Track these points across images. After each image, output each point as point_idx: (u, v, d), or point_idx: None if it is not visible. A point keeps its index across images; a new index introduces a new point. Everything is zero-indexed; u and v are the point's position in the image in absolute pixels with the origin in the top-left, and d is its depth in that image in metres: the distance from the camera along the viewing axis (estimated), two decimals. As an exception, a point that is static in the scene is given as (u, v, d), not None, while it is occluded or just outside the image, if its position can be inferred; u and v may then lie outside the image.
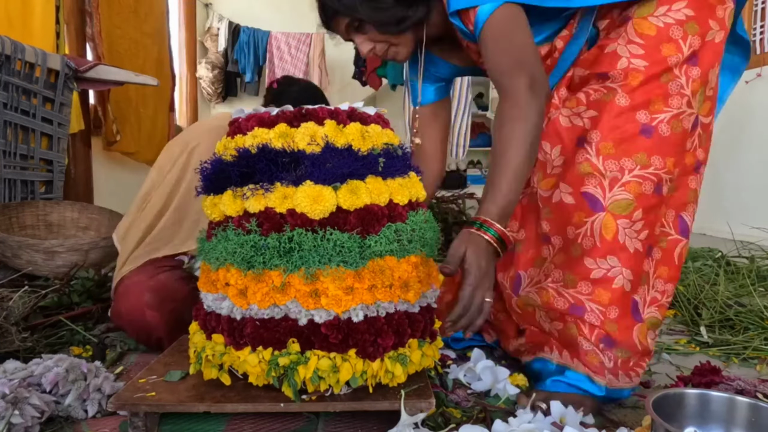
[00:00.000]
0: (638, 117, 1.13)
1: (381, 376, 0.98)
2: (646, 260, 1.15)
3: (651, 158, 1.12)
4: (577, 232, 1.15)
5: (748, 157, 3.63)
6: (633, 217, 1.12)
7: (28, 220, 2.26)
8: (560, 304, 1.16)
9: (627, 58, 1.14)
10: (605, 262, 1.12)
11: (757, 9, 3.61)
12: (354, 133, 1.00)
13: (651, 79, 1.13)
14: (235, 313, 0.99)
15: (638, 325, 1.14)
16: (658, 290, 1.16)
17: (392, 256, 0.99)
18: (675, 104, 1.13)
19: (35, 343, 1.42)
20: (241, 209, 1.00)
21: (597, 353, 1.12)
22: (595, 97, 1.17)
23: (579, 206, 1.15)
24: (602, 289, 1.12)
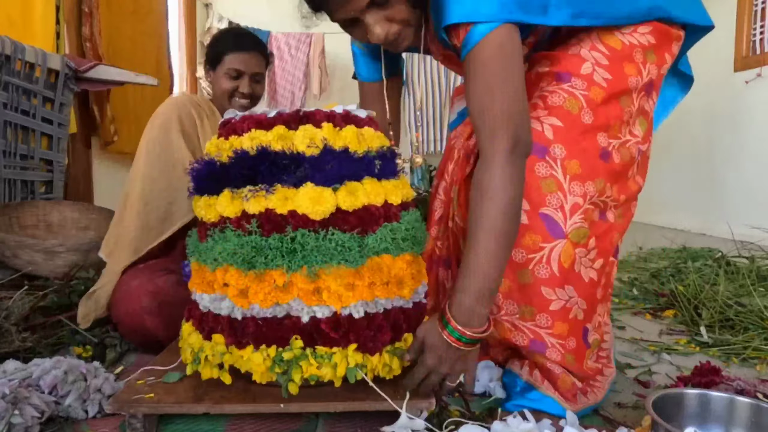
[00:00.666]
0: (599, 139, 1.08)
1: (379, 369, 1.00)
2: (598, 289, 1.12)
3: (606, 185, 1.08)
4: (529, 257, 1.05)
5: (747, 157, 3.63)
6: (588, 246, 1.07)
7: (28, 220, 2.26)
8: (519, 340, 1.10)
9: (592, 64, 1.09)
10: (564, 293, 1.07)
11: (757, 9, 3.61)
12: (350, 136, 1.02)
13: (611, 98, 1.09)
14: (235, 313, 1.00)
15: (587, 351, 1.12)
16: (600, 314, 1.14)
17: (388, 255, 1.02)
18: (624, 132, 1.11)
19: (35, 343, 1.41)
20: (239, 210, 1.00)
21: (567, 375, 1.11)
22: (555, 102, 1.08)
23: (534, 228, 1.05)
24: (561, 321, 1.08)
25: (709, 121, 3.95)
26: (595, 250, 1.09)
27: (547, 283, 1.06)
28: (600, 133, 1.08)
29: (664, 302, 2.04)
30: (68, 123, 2.53)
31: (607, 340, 1.19)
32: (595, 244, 1.09)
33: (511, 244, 0.99)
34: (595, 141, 1.08)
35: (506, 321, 1.11)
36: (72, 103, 2.56)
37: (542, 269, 1.06)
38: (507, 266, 1.04)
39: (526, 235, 1.05)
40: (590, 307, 1.11)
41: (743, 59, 3.68)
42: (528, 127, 1.01)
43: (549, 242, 1.05)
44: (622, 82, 1.09)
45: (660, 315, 1.95)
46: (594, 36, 1.12)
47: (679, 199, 4.21)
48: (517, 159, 0.97)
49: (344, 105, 1.09)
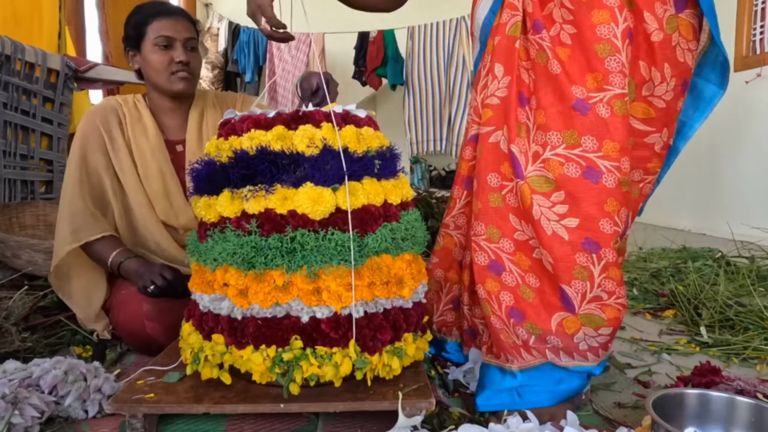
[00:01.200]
0: (573, 91, 1.04)
1: (379, 369, 1.00)
2: (581, 254, 1.04)
3: (581, 138, 1.02)
4: (503, 183, 1.12)
5: (748, 157, 3.63)
6: (551, 198, 1.04)
7: (28, 220, 2.26)
8: (481, 260, 1.13)
9: (559, 24, 1.07)
10: (528, 228, 1.09)
11: (757, 9, 3.60)
12: (350, 136, 1.02)
13: (582, 50, 1.04)
14: (235, 313, 1.00)
15: (566, 315, 1.06)
16: (605, 290, 1.05)
17: (388, 254, 1.03)
18: (617, 83, 1.02)
19: (35, 343, 1.42)
20: (239, 210, 1.00)
21: (508, 331, 1.10)
22: (532, 54, 1.11)
23: (509, 159, 1.11)
24: (523, 254, 1.10)
25: (709, 120, 3.93)
26: (563, 206, 1.04)
27: (515, 213, 1.11)
28: (576, 85, 1.04)
29: (664, 302, 2.04)
30: (68, 123, 2.53)
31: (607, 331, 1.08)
32: (564, 199, 1.04)
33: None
34: (566, 91, 1.05)
35: (473, 241, 1.14)
36: (72, 103, 2.56)
37: (512, 198, 1.11)
38: (480, 189, 1.13)
39: (504, 163, 1.11)
40: (563, 266, 1.05)
41: (743, 59, 3.68)
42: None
43: (515, 179, 1.10)
44: (589, 32, 1.03)
45: (660, 315, 1.95)
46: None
47: (679, 199, 4.21)
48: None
49: (344, 105, 1.09)
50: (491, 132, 1.14)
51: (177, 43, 1.53)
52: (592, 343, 1.08)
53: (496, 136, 1.13)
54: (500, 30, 1.16)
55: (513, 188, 1.11)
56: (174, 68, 1.53)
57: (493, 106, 1.14)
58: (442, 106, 4.83)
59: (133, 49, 1.58)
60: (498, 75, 1.15)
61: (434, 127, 4.91)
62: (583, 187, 1.03)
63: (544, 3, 1.11)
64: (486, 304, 1.12)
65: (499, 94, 1.14)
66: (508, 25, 1.14)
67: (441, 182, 6.94)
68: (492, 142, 1.14)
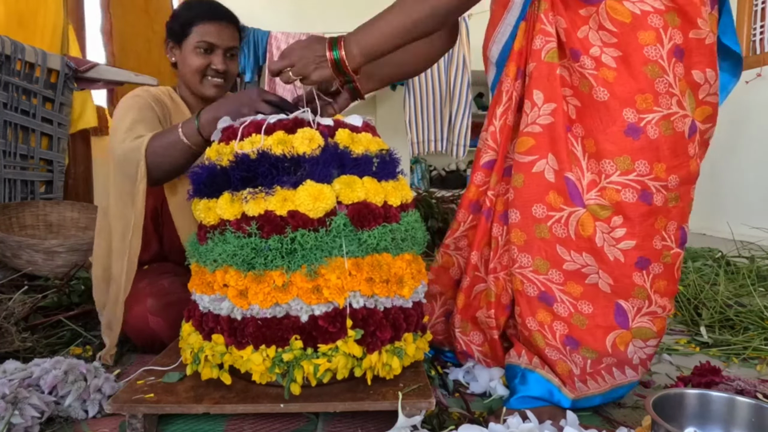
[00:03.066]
0: (625, 115, 1.04)
1: (379, 368, 1.00)
2: (636, 273, 1.08)
3: (635, 163, 1.04)
4: (549, 214, 1.09)
5: (747, 157, 3.63)
6: (611, 224, 1.06)
7: (28, 220, 2.26)
8: (530, 291, 1.12)
9: (599, 48, 1.06)
10: (580, 258, 1.08)
11: (757, 9, 3.60)
12: (345, 138, 1.05)
13: (629, 72, 1.04)
14: (235, 314, 1.00)
15: (620, 332, 1.10)
16: (658, 305, 1.10)
17: (388, 253, 1.03)
18: (664, 104, 1.04)
19: (35, 343, 1.42)
20: (239, 212, 1.01)
21: (565, 360, 1.10)
22: (575, 82, 1.10)
23: (558, 188, 1.08)
24: (575, 282, 1.09)
25: (709, 121, 3.94)
26: (622, 230, 1.06)
27: (563, 243, 1.09)
28: (626, 109, 1.04)
29: (664, 302, 2.03)
30: (68, 123, 2.54)
31: (654, 342, 1.14)
32: (622, 223, 1.06)
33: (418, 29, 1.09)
34: (618, 116, 1.04)
35: (519, 274, 1.13)
36: (72, 103, 2.57)
37: (560, 229, 1.09)
38: (524, 220, 1.11)
39: (550, 193, 1.09)
40: (623, 288, 1.08)
41: (743, 59, 3.68)
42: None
43: (569, 206, 1.08)
44: (636, 54, 1.04)
45: (660, 315, 1.95)
46: (602, 9, 1.06)
47: (679, 199, 4.21)
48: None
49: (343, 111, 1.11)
50: (534, 161, 1.11)
51: (218, 50, 1.52)
52: (641, 354, 1.13)
53: (540, 165, 1.11)
54: (534, 56, 1.14)
55: (561, 218, 1.09)
56: (210, 73, 1.54)
57: (536, 134, 1.12)
58: (443, 107, 4.83)
59: (173, 42, 1.56)
60: (538, 102, 1.12)
61: (434, 127, 4.90)
62: (638, 210, 1.06)
63: (576, 26, 1.09)
64: (538, 335, 1.12)
65: (541, 121, 1.11)
66: (543, 51, 1.12)
67: (441, 182, 6.93)
68: (536, 172, 1.11)
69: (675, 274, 1.12)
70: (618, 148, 1.05)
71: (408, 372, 1.07)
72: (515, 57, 1.19)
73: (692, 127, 1.07)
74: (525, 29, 1.18)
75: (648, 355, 1.14)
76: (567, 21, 1.10)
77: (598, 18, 1.07)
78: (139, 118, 1.41)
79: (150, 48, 3.45)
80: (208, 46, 1.51)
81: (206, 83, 1.54)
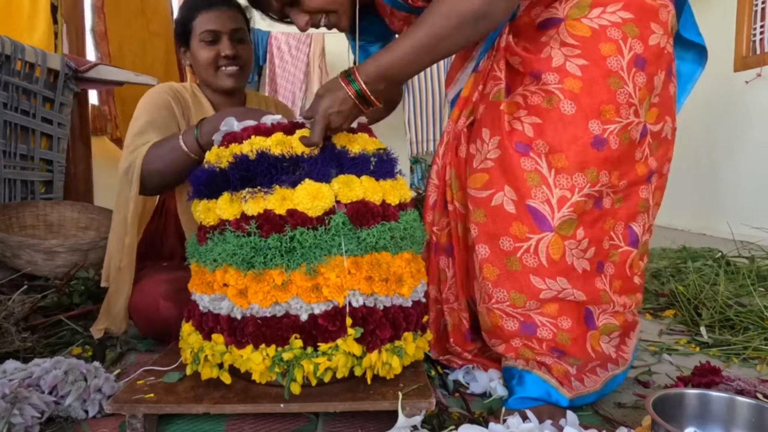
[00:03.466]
0: (591, 127, 1.05)
1: (379, 367, 1.00)
2: (597, 278, 1.11)
3: (600, 174, 1.05)
4: (516, 245, 1.07)
5: (747, 157, 3.64)
6: (577, 236, 1.06)
7: (28, 220, 2.26)
8: (510, 326, 1.12)
9: (563, 58, 1.07)
10: (555, 284, 1.07)
11: (757, 9, 3.61)
12: (343, 139, 1.06)
13: (594, 83, 1.05)
14: (235, 313, 1.00)
15: (591, 333, 1.13)
16: (619, 304, 1.14)
17: (387, 252, 1.04)
18: (624, 114, 1.05)
19: (35, 343, 1.42)
20: (238, 212, 1.01)
21: (559, 363, 1.12)
22: (534, 102, 1.09)
23: (521, 218, 1.07)
24: (551, 303, 1.10)
25: (709, 121, 3.95)
26: (585, 240, 1.08)
27: (536, 273, 1.07)
28: (591, 121, 1.05)
29: (664, 302, 2.04)
30: (68, 123, 2.54)
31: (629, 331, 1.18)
32: (585, 234, 1.07)
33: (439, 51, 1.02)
34: (585, 129, 1.05)
35: (497, 309, 1.12)
36: (72, 104, 2.56)
37: (530, 258, 1.07)
38: (494, 255, 1.10)
39: (513, 225, 1.07)
40: (592, 297, 1.11)
41: (743, 59, 3.68)
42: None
43: (536, 234, 1.06)
44: (599, 64, 1.05)
45: (660, 315, 1.95)
46: (562, 29, 1.09)
47: (679, 199, 4.21)
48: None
49: None
50: (491, 195, 1.10)
51: (223, 37, 1.49)
52: (612, 345, 1.16)
53: (498, 198, 1.09)
54: (483, 100, 1.18)
55: (529, 248, 1.07)
56: (221, 62, 1.50)
57: (489, 169, 1.12)
58: (442, 106, 4.84)
59: (183, 46, 1.55)
60: (486, 138, 1.13)
61: (434, 127, 4.91)
62: (593, 216, 1.08)
63: (538, 51, 1.11)
64: (525, 349, 1.13)
65: (491, 156, 1.11)
66: (491, 94, 1.16)
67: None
68: (495, 206, 1.10)
69: (626, 272, 1.15)
70: (586, 160, 1.05)
71: (408, 372, 1.08)
72: (461, 103, 1.23)
73: (643, 132, 1.10)
74: (474, 80, 1.21)
75: (615, 347, 1.17)
76: (525, 52, 1.13)
77: (558, 37, 1.09)
78: (151, 120, 1.43)
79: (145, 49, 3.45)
80: (212, 34, 1.49)
81: (221, 74, 1.51)
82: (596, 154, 1.05)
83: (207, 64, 1.51)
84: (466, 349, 1.28)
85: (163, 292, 1.39)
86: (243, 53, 1.53)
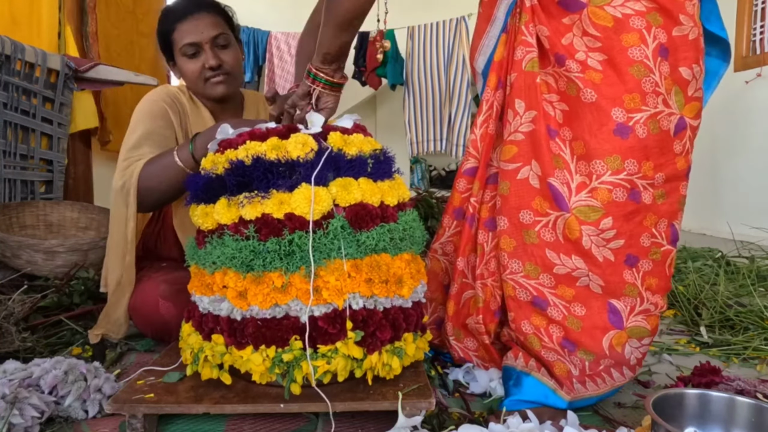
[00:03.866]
0: (614, 114, 1.06)
1: (379, 368, 1.00)
2: (626, 270, 1.10)
3: (625, 162, 1.05)
4: (536, 219, 1.10)
5: (748, 157, 3.63)
6: (601, 225, 1.07)
7: (28, 220, 2.26)
8: (523, 296, 1.13)
9: (584, 52, 1.08)
10: (570, 262, 1.09)
11: (757, 9, 3.60)
12: (337, 141, 1.05)
13: (616, 73, 1.05)
14: (235, 314, 1.00)
15: (615, 332, 1.11)
16: (650, 302, 1.12)
17: (386, 254, 1.03)
18: (651, 103, 1.05)
19: (35, 343, 1.42)
20: (236, 216, 1.01)
21: (563, 361, 1.10)
22: (562, 87, 1.11)
23: (543, 193, 1.10)
24: (566, 285, 1.11)
25: (709, 121, 3.94)
26: (612, 231, 1.07)
27: (552, 247, 1.10)
28: (613, 109, 1.05)
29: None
30: (68, 123, 2.53)
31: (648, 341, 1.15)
32: (613, 225, 1.07)
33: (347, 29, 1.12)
34: (607, 116, 1.05)
35: (510, 279, 1.14)
36: (72, 103, 2.56)
37: (547, 233, 1.10)
38: (513, 227, 1.13)
39: (535, 199, 1.11)
40: (614, 287, 1.10)
41: (743, 59, 3.68)
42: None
43: (555, 211, 1.09)
44: (621, 56, 1.05)
45: (660, 315, 1.95)
46: (584, 17, 1.08)
47: (679, 199, 4.21)
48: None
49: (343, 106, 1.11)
50: (518, 168, 1.13)
51: (205, 47, 1.44)
52: (638, 354, 1.14)
53: (524, 172, 1.12)
54: (515, 66, 1.16)
55: (548, 222, 1.10)
56: (207, 74, 1.46)
57: (518, 142, 1.13)
58: (442, 106, 4.83)
59: (169, 60, 1.52)
60: (519, 111, 1.14)
61: (434, 127, 4.91)
62: (628, 209, 1.07)
63: (561, 34, 1.11)
64: (534, 338, 1.12)
65: (523, 129, 1.13)
66: (524, 62, 1.14)
67: (441, 182, 6.93)
68: (520, 179, 1.13)
69: (666, 271, 1.13)
70: (608, 147, 1.06)
71: (408, 372, 1.08)
72: (495, 68, 1.21)
73: (680, 124, 1.08)
74: (505, 41, 1.21)
75: (643, 354, 1.15)
76: (550, 29, 1.12)
77: (581, 25, 1.09)
78: (148, 132, 1.42)
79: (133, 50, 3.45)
80: (193, 47, 1.44)
81: (209, 86, 1.49)
82: (620, 141, 1.05)
83: (194, 78, 1.48)
84: (488, 328, 1.24)
85: (162, 292, 1.39)
86: (228, 59, 1.49)
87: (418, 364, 1.12)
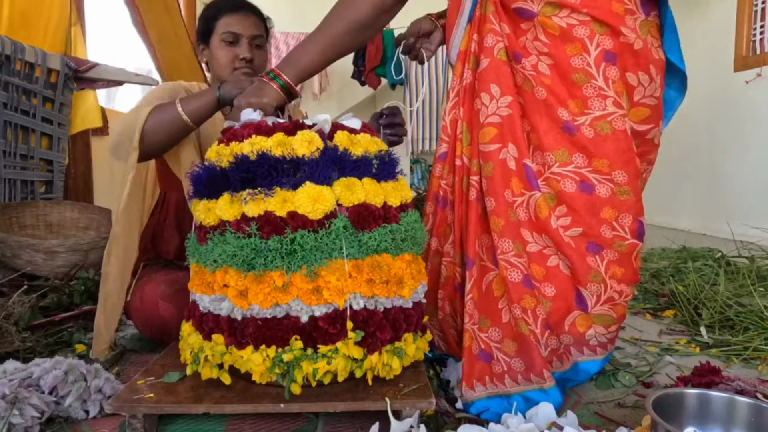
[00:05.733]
0: (560, 114, 1.12)
1: (379, 369, 1.00)
2: (590, 257, 1.14)
3: (572, 156, 1.11)
4: (514, 199, 1.14)
5: (748, 157, 3.63)
6: (556, 211, 1.13)
7: (28, 220, 2.26)
8: (515, 276, 1.13)
9: (536, 56, 1.14)
10: (541, 239, 1.14)
11: (757, 9, 3.60)
12: (344, 140, 1.05)
13: (561, 79, 1.12)
14: (235, 314, 1.00)
15: (580, 314, 1.14)
16: (615, 290, 1.15)
17: (388, 254, 1.03)
18: (596, 106, 1.11)
19: (35, 343, 1.42)
20: (238, 213, 1.01)
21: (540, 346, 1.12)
22: (519, 81, 1.16)
23: (519, 175, 1.14)
24: (537, 264, 1.13)
25: (709, 121, 3.95)
26: (567, 218, 1.13)
27: (525, 226, 1.14)
28: (560, 108, 1.12)
29: (664, 302, 2.04)
30: (68, 123, 2.54)
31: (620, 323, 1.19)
32: (567, 212, 1.13)
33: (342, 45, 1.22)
34: (555, 114, 1.12)
35: (503, 260, 1.14)
36: (72, 103, 2.57)
37: (522, 212, 1.14)
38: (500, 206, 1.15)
39: (512, 179, 1.14)
40: (578, 271, 1.13)
41: (743, 59, 3.68)
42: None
43: (528, 191, 1.14)
44: (565, 64, 1.12)
45: (660, 315, 1.95)
46: (537, 24, 1.14)
47: (679, 199, 4.21)
48: None
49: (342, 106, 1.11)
50: (498, 149, 1.15)
51: (243, 40, 1.54)
52: (602, 339, 1.17)
53: (503, 153, 1.15)
54: (487, 53, 1.18)
55: (523, 202, 1.14)
56: (237, 64, 1.54)
57: (497, 124, 1.16)
58: (439, 105, 4.84)
59: (202, 43, 1.59)
60: (495, 94, 1.16)
61: (432, 126, 4.91)
62: (580, 199, 1.12)
63: (518, 35, 1.17)
64: (522, 323, 1.12)
65: (501, 113, 1.16)
66: (495, 49, 1.18)
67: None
68: (501, 159, 1.15)
69: (633, 263, 1.17)
70: (555, 142, 1.13)
71: (408, 372, 1.08)
72: (461, 56, 1.25)
73: (628, 128, 1.13)
74: (469, 30, 1.23)
75: (609, 340, 1.19)
76: (510, 29, 1.18)
77: (534, 30, 1.15)
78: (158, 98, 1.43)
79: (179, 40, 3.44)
80: (233, 36, 1.53)
81: (236, 75, 1.54)
82: (568, 137, 1.12)
83: (224, 64, 1.54)
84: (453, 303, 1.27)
85: (162, 293, 1.40)
86: (258, 59, 1.58)
87: (418, 364, 1.12)
